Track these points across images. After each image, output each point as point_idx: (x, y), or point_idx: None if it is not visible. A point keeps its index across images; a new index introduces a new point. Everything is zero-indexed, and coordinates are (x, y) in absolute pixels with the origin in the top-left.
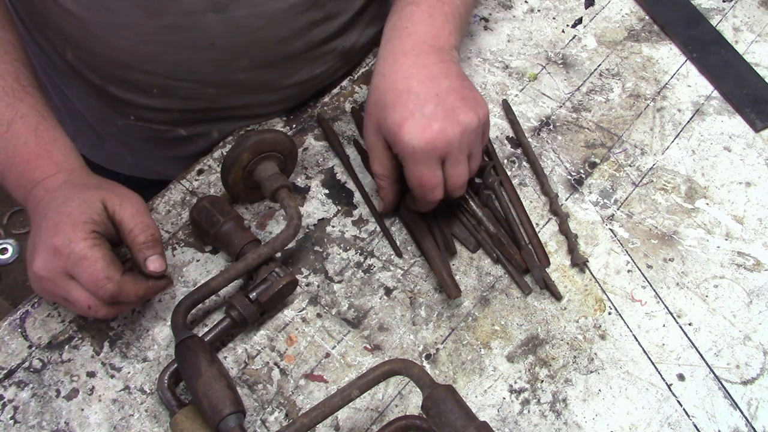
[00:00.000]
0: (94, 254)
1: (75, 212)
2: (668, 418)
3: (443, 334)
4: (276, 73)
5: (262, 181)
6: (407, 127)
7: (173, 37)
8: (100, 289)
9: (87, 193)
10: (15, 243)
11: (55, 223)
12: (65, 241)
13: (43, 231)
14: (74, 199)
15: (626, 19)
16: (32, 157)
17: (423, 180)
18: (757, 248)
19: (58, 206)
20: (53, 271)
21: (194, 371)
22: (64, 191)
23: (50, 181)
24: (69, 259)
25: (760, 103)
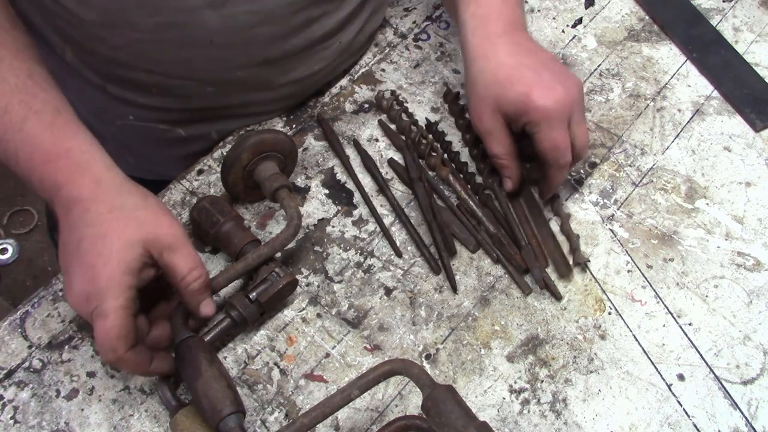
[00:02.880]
0: (112, 320)
1: (113, 260)
2: (668, 418)
3: (443, 334)
4: (275, 70)
5: (262, 180)
6: (536, 93)
7: (171, 34)
8: (101, 353)
9: (126, 231)
10: (15, 243)
11: (91, 266)
12: (97, 293)
13: (77, 266)
14: (112, 240)
15: (626, 19)
16: (51, 157)
17: (557, 142)
18: (757, 248)
19: (93, 240)
20: (81, 310)
21: (194, 371)
22: (99, 219)
23: (75, 188)
24: (96, 308)
25: (760, 103)
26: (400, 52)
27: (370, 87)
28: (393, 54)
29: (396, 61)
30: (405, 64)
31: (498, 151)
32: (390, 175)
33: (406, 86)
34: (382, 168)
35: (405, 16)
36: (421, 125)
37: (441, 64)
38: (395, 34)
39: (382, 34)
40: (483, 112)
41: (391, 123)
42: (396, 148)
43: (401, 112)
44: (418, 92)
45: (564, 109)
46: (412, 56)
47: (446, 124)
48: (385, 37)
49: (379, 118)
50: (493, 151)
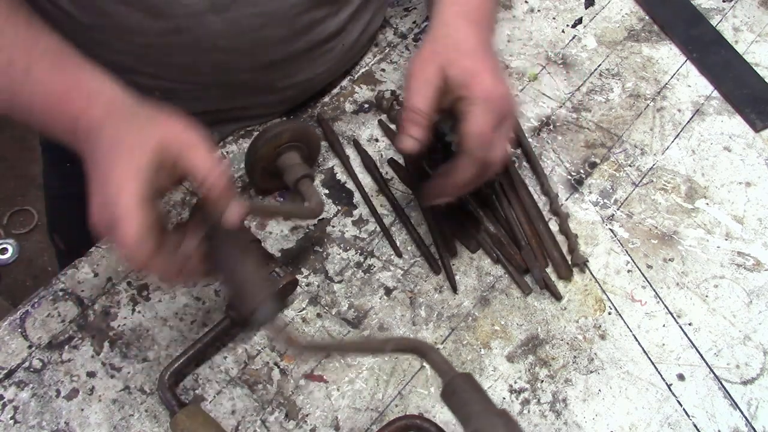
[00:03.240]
0: (130, 220)
1: (124, 162)
2: (668, 418)
3: (443, 334)
4: (278, 73)
5: (286, 168)
6: (488, 76)
7: (175, 39)
8: (127, 258)
9: (139, 135)
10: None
11: (105, 173)
12: (110, 197)
13: (96, 180)
14: (125, 143)
15: (626, 19)
16: (62, 90)
17: (485, 128)
18: (757, 248)
19: (107, 151)
20: (100, 221)
21: (228, 260)
22: (111, 131)
23: (89, 114)
24: (111, 217)
25: (760, 103)
26: (400, 52)
27: (370, 87)
28: (393, 54)
29: (396, 61)
30: (405, 64)
31: (416, 104)
32: (390, 175)
33: None
34: (382, 168)
35: (405, 16)
36: None
37: None
38: (395, 34)
39: (382, 34)
40: (425, 62)
41: (391, 123)
42: (396, 148)
43: (401, 112)
44: None
45: (504, 106)
46: (412, 56)
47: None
48: (385, 37)
49: (379, 118)
50: (413, 102)
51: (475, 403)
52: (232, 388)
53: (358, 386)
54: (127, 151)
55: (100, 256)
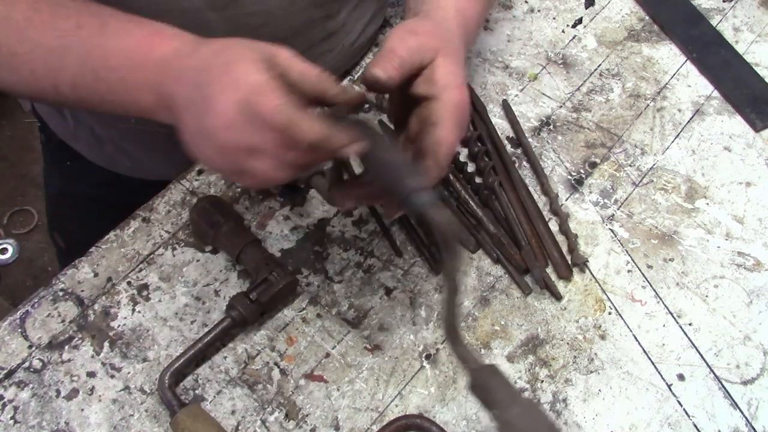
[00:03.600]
0: (272, 82)
1: (241, 57)
2: (668, 418)
3: (443, 333)
4: None
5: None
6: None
7: None
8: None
9: (241, 42)
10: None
11: (226, 64)
12: (248, 76)
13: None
14: (232, 47)
15: (626, 19)
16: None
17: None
18: (757, 248)
19: (210, 60)
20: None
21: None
22: (211, 45)
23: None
24: (256, 106)
25: (760, 103)
26: None
27: None
28: None
29: None
30: None
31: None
32: None
33: None
34: None
35: None
36: None
37: None
38: None
39: (382, 33)
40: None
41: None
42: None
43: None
44: None
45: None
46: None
47: None
48: (386, 36)
49: (379, 118)
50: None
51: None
52: (232, 388)
53: (358, 386)
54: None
55: (100, 255)
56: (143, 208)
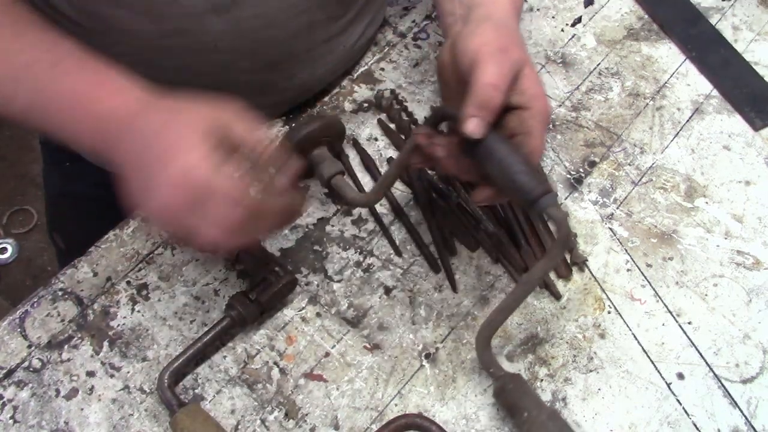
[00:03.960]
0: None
1: (185, 133)
2: (668, 417)
3: (443, 333)
4: (278, 74)
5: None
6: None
7: (175, 41)
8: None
9: (187, 112)
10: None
11: (165, 150)
12: (185, 166)
13: (151, 166)
14: (177, 121)
15: (625, 18)
16: (91, 87)
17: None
18: (756, 247)
19: (156, 133)
20: (176, 204)
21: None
22: (156, 115)
23: (124, 108)
24: (196, 185)
25: (760, 102)
26: (400, 52)
27: (369, 86)
28: (392, 53)
29: (395, 60)
30: (404, 63)
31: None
32: None
33: (406, 85)
34: (382, 167)
35: (404, 15)
36: (420, 124)
37: None
38: (394, 33)
39: (382, 33)
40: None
41: (391, 122)
42: (395, 147)
43: (401, 111)
44: (418, 91)
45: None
46: (411, 55)
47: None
48: (385, 36)
49: (378, 117)
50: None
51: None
52: (232, 387)
53: (358, 385)
54: (184, 124)
55: (100, 255)
56: None
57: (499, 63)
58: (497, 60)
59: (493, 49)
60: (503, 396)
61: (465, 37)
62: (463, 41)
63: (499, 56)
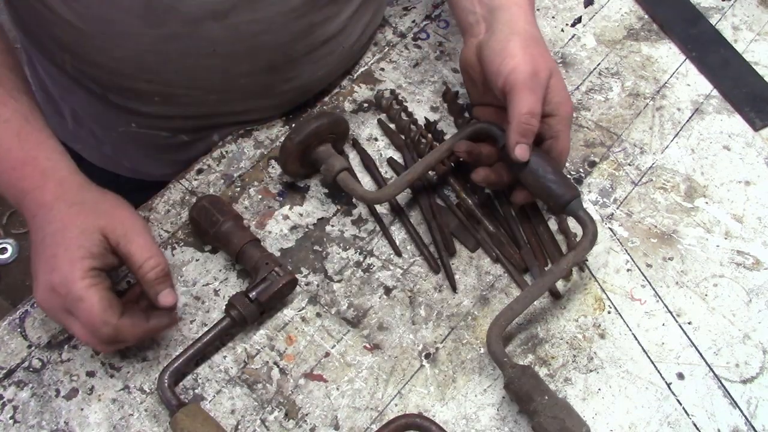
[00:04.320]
0: (90, 297)
1: (72, 246)
2: (668, 417)
3: (443, 333)
4: (278, 77)
5: (323, 160)
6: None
7: (174, 45)
8: (96, 332)
9: (85, 221)
10: (15, 243)
11: (52, 256)
12: (62, 280)
13: (41, 262)
14: (71, 229)
15: (625, 18)
16: (18, 164)
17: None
18: (756, 247)
19: (53, 234)
20: (52, 306)
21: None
22: (60, 215)
23: (40, 193)
24: (66, 299)
25: (760, 102)
26: (400, 52)
27: (369, 86)
28: (392, 53)
29: (395, 60)
30: (404, 63)
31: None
32: (389, 175)
33: (406, 85)
34: (382, 167)
35: (404, 15)
36: (420, 124)
37: (440, 63)
38: (394, 33)
39: (382, 33)
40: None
41: (391, 122)
42: (395, 147)
43: (400, 111)
44: (418, 91)
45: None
46: (411, 55)
47: (445, 123)
48: (385, 36)
49: (378, 117)
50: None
51: (538, 392)
52: (232, 387)
53: (358, 385)
54: (75, 237)
55: None
56: (143, 208)
57: (533, 90)
58: (531, 87)
59: (526, 75)
60: (512, 387)
61: (494, 50)
62: (493, 55)
63: (532, 83)
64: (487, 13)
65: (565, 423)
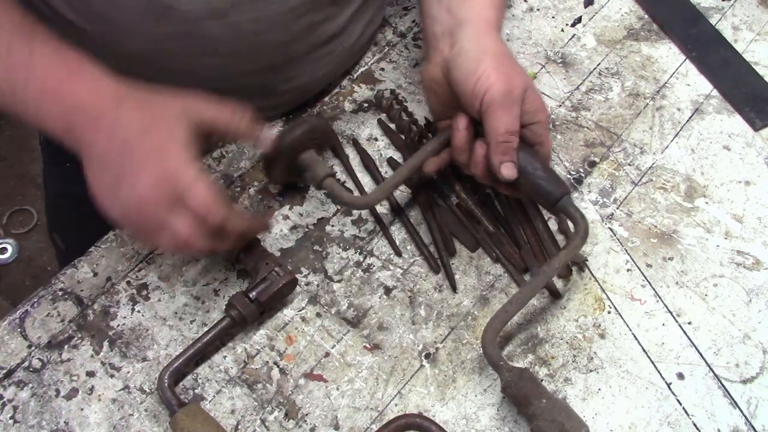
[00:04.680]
0: (205, 179)
1: (174, 135)
2: (668, 417)
3: (443, 333)
4: (278, 76)
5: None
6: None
7: (175, 44)
8: (209, 215)
9: (167, 109)
10: (14, 242)
11: (157, 146)
12: (176, 165)
13: (140, 158)
14: (162, 120)
15: (625, 18)
16: (67, 76)
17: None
18: (756, 247)
19: (145, 128)
20: (158, 198)
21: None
22: (140, 109)
23: (99, 97)
24: (179, 185)
25: (760, 102)
26: (400, 51)
27: (369, 86)
28: (392, 53)
29: (395, 60)
30: (404, 63)
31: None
32: (389, 174)
33: (406, 85)
34: (382, 167)
35: (404, 15)
36: (420, 124)
37: None
38: (394, 33)
39: (382, 33)
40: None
41: (391, 122)
42: (395, 147)
43: (401, 111)
44: (418, 91)
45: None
46: (411, 55)
47: None
48: (385, 36)
49: (378, 117)
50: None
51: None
52: (232, 387)
53: (358, 385)
54: (171, 126)
55: (100, 255)
56: None
57: (509, 109)
58: (506, 106)
59: (502, 95)
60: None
61: (466, 71)
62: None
63: (508, 101)
64: (453, 26)
65: (564, 426)
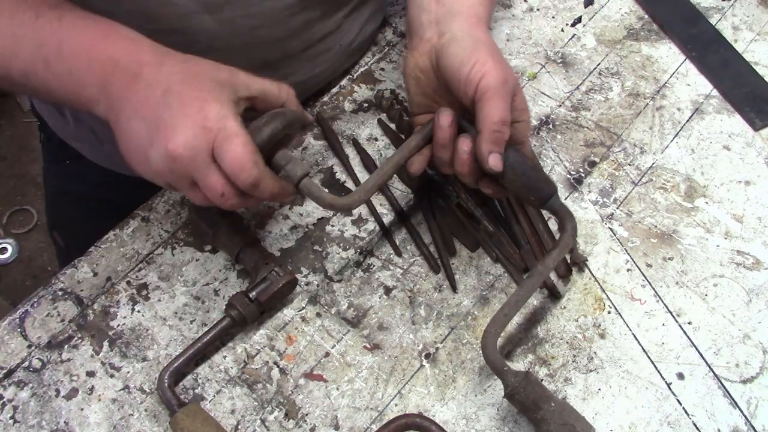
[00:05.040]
0: (245, 134)
1: (216, 89)
2: (668, 417)
3: (443, 333)
4: (275, 73)
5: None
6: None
7: (170, 40)
8: (243, 172)
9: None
10: (15, 242)
11: (198, 97)
12: (218, 115)
13: (183, 105)
14: (204, 77)
15: (625, 18)
16: (99, 35)
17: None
18: (756, 247)
19: (186, 80)
20: (198, 147)
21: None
22: (181, 66)
23: (138, 53)
24: (219, 135)
25: (760, 102)
26: (400, 51)
27: (369, 86)
28: (392, 53)
29: (395, 60)
30: None
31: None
32: None
33: None
34: None
35: (404, 15)
36: None
37: None
38: (395, 33)
39: (382, 33)
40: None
41: (391, 122)
42: (395, 147)
43: (401, 111)
44: None
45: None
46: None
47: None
48: (385, 36)
49: (378, 117)
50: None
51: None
52: (232, 387)
53: (358, 385)
54: (211, 82)
55: (100, 255)
56: (143, 208)
57: (504, 98)
58: (501, 95)
59: (498, 82)
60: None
61: (461, 57)
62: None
63: (503, 90)
64: (442, 16)
65: (575, 428)
